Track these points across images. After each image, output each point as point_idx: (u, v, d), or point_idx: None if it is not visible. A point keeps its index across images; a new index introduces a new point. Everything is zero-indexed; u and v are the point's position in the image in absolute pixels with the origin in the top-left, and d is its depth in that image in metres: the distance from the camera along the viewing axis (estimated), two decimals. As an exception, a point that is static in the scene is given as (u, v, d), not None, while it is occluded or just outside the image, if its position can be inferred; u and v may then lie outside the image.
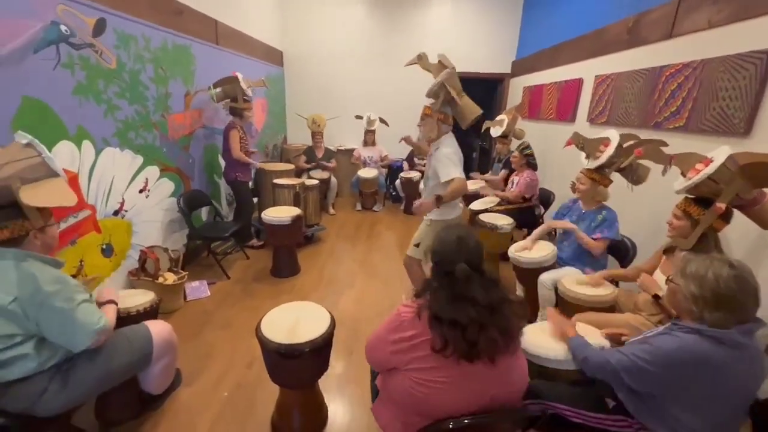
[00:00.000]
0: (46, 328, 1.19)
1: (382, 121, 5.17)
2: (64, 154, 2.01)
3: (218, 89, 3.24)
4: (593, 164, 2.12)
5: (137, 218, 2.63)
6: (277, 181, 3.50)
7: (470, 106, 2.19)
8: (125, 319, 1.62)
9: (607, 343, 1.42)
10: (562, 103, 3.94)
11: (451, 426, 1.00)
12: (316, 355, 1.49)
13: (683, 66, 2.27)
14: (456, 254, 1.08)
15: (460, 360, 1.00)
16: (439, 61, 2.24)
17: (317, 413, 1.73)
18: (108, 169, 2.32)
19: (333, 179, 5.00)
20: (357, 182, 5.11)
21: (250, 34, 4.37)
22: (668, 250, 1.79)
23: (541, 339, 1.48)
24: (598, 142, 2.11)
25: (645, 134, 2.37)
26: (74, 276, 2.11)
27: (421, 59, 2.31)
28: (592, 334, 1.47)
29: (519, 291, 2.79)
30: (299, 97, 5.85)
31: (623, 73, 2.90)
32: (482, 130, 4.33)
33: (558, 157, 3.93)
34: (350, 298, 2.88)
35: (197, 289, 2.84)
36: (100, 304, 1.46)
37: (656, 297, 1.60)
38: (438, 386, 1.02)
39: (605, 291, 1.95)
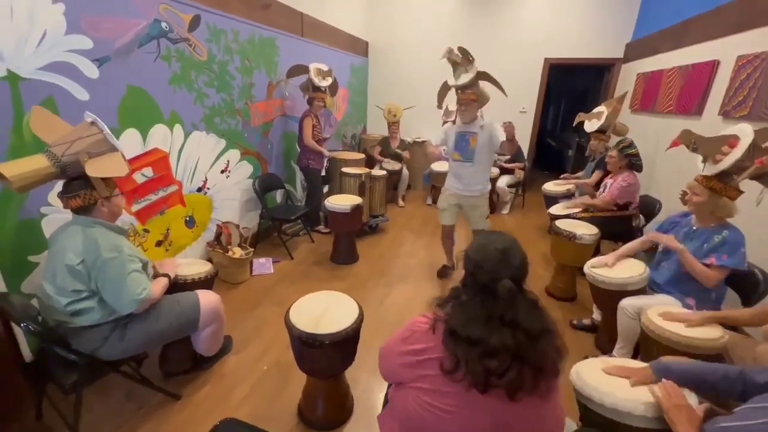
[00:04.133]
0: (101, 288, 1.38)
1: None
2: (158, 136, 2.31)
3: (294, 79, 3.40)
4: (713, 170, 1.63)
5: (218, 195, 2.93)
6: (344, 169, 3.57)
7: (485, 92, 2.62)
8: (182, 285, 1.80)
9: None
10: (686, 92, 3.19)
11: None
12: (337, 347, 1.45)
13: None
14: (500, 267, 0.89)
15: (470, 387, 0.84)
16: (464, 57, 2.51)
17: (341, 404, 1.70)
18: (194, 151, 2.62)
19: (405, 171, 4.93)
20: (429, 176, 4.95)
21: (335, 25, 4.50)
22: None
23: (601, 377, 1.20)
24: (721, 141, 1.60)
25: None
26: (160, 242, 2.45)
27: (450, 53, 2.55)
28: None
29: (596, 315, 2.38)
30: (382, 87, 5.89)
31: (780, 50, 2.19)
32: (574, 124, 3.77)
33: (670, 158, 3.21)
34: (401, 293, 2.79)
35: (263, 265, 3.06)
36: (157, 275, 1.63)
37: None
38: (441, 414, 0.87)
39: (712, 333, 1.50)
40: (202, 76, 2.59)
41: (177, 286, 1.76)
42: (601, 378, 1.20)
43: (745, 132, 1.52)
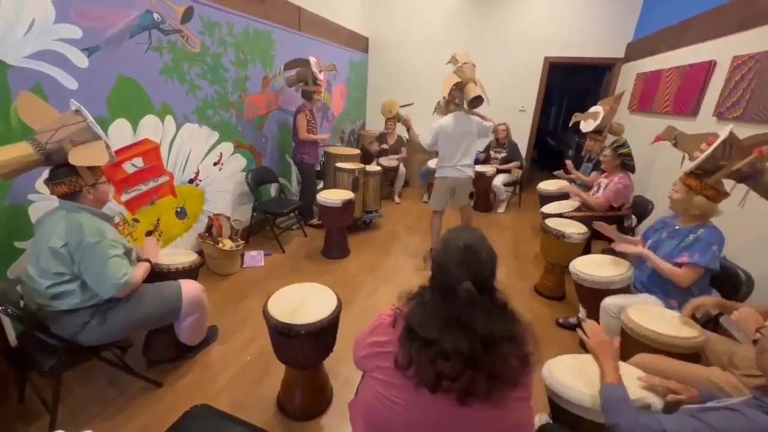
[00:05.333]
0: (83, 272, 1.40)
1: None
2: (149, 126, 2.33)
3: (291, 72, 3.39)
4: (689, 167, 1.62)
5: (210, 188, 2.95)
6: (338, 164, 3.58)
7: (469, 91, 2.85)
8: (165, 274, 1.82)
9: (655, 401, 1.08)
10: (683, 92, 3.16)
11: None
12: (313, 338, 1.47)
13: None
14: (461, 268, 0.86)
15: (420, 386, 0.84)
16: (461, 60, 2.91)
17: (319, 395, 1.71)
18: (186, 142, 2.63)
19: (402, 168, 4.93)
20: (426, 173, 4.95)
21: (335, 20, 4.49)
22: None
23: (571, 374, 1.21)
24: (701, 138, 1.60)
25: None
26: (150, 232, 2.47)
27: (453, 59, 2.94)
28: (629, 380, 1.13)
29: (582, 314, 2.37)
30: (381, 84, 5.88)
31: (774, 51, 2.17)
32: (570, 124, 3.75)
33: (666, 159, 3.20)
34: (389, 289, 2.80)
35: (254, 258, 3.08)
36: (140, 260, 1.65)
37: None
38: (391, 405, 0.88)
39: (690, 333, 1.50)
40: (195, 68, 2.60)
41: (160, 275, 1.78)
42: (570, 374, 1.20)
43: (724, 131, 1.51)
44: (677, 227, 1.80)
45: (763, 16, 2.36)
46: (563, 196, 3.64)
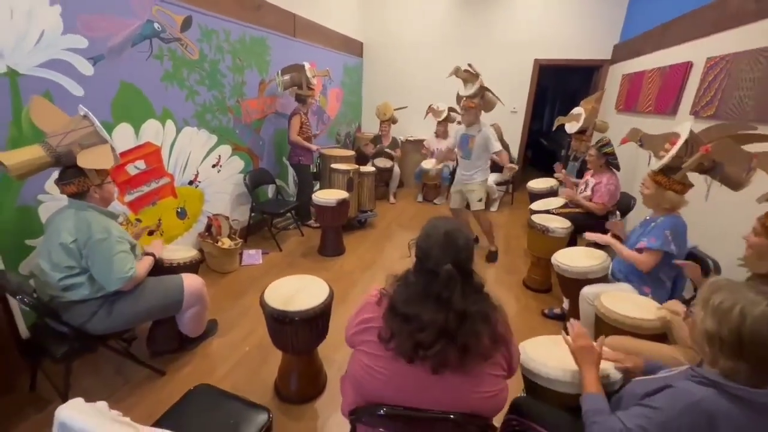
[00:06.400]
0: (91, 266, 1.51)
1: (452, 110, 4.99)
2: (150, 130, 2.44)
3: (286, 77, 3.51)
4: (656, 165, 1.75)
5: (209, 189, 3.06)
6: (333, 165, 3.69)
7: (493, 99, 3.19)
8: (167, 268, 1.93)
9: (612, 372, 1.19)
10: (664, 92, 3.29)
11: (382, 412, 0.97)
12: (307, 324, 1.57)
13: (824, 39, 1.70)
14: (442, 253, 0.96)
15: (398, 357, 0.95)
16: (467, 70, 3.10)
17: (314, 380, 1.82)
18: (186, 145, 2.75)
19: (396, 168, 5.05)
20: (420, 173, 5.07)
21: (329, 26, 4.62)
22: (752, 278, 1.40)
23: (542, 351, 1.31)
24: (664, 139, 1.72)
25: (765, 131, 1.85)
26: (152, 231, 2.58)
27: (457, 71, 3.11)
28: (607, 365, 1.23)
29: (565, 304, 2.48)
30: (376, 87, 6.00)
31: (742, 53, 2.29)
32: (554, 128, 3.87)
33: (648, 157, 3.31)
34: (382, 285, 2.90)
35: (252, 256, 3.19)
36: (144, 254, 1.76)
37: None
38: (375, 374, 0.99)
39: (654, 314, 1.61)
40: (194, 74, 2.72)
41: (163, 269, 1.89)
42: (541, 351, 1.31)
43: (684, 129, 1.63)
44: (647, 218, 1.92)
45: (733, 18, 2.49)
46: (552, 193, 3.76)
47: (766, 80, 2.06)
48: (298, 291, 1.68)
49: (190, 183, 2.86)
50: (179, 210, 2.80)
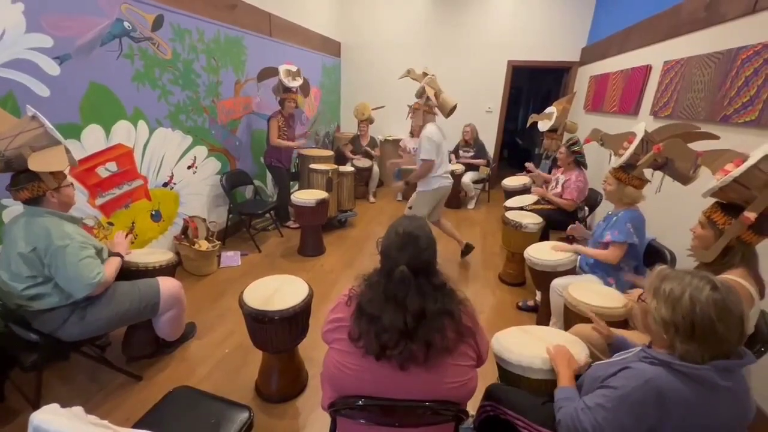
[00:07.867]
0: (55, 275, 1.45)
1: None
2: (122, 132, 2.39)
3: (266, 81, 3.49)
4: (616, 163, 1.87)
5: (184, 191, 3.01)
6: (312, 165, 3.70)
7: (447, 101, 2.97)
8: (143, 272, 1.90)
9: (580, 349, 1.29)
10: (627, 93, 3.47)
11: (360, 402, 1.01)
12: (287, 323, 1.59)
13: (763, 47, 1.86)
14: (399, 253, 0.99)
15: (366, 355, 0.99)
16: (423, 72, 3.03)
17: (295, 378, 1.84)
18: (160, 147, 2.69)
19: (375, 168, 5.09)
20: (400, 172, 5.12)
21: (306, 26, 4.61)
22: (699, 267, 1.52)
23: (514, 341, 1.39)
24: (622, 138, 1.85)
25: (712, 130, 2.00)
26: (126, 234, 2.51)
27: (410, 72, 3.09)
28: (564, 339, 1.32)
29: (538, 296, 2.60)
30: (355, 87, 6.02)
31: (693, 57, 2.46)
32: (527, 125, 4.02)
33: (609, 155, 3.49)
34: (363, 283, 2.94)
35: (231, 258, 3.16)
36: (110, 254, 1.72)
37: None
38: (347, 371, 1.02)
39: (616, 302, 1.72)
40: (167, 74, 2.67)
41: (138, 273, 1.86)
42: (512, 341, 1.39)
43: (640, 129, 1.75)
44: (609, 212, 2.05)
45: (686, 25, 2.66)
46: (525, 190, 3.90)
47: (714, 83, 2.23)
48: (277, 291, 1.70)
49: (165, 185, 2.81)
50: (154, 213, 2.74)
